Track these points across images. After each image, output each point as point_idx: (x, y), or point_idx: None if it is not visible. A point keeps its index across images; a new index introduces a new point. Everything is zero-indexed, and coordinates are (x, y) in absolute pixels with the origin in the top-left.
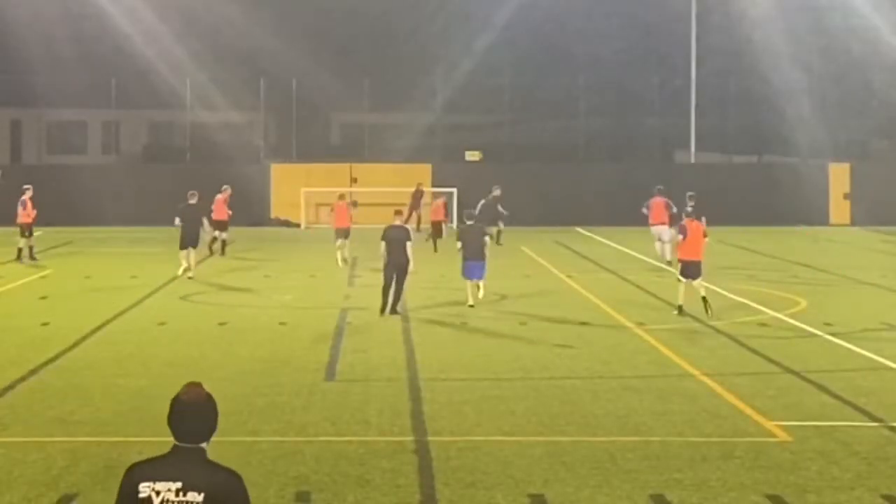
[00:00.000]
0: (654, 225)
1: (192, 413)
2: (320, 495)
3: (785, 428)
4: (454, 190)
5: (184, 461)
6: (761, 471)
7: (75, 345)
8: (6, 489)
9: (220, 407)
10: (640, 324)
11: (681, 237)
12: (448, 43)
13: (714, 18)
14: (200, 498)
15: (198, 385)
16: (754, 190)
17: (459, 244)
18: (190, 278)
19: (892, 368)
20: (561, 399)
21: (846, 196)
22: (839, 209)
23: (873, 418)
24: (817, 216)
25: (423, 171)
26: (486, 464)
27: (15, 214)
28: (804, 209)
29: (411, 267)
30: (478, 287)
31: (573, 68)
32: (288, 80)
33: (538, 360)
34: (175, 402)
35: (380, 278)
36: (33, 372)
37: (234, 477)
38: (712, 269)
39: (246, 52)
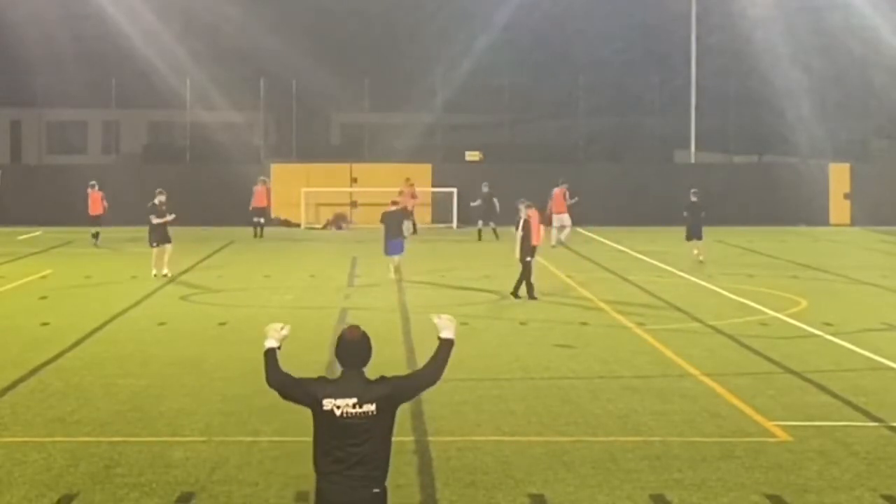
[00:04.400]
0: (556, 214)
1: (355, 347)
2: None
3: (785, 428)
4: (454, 190)
5: (353, 382)
6: (761, 471)
7: (75, 345)
8: (6, 489)
9: (221, 407)
10: (640, 324)
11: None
12: (448, 43)
13: (714, 18)
14: (373, 407)
15: (356, 326)
16: (754, 190)
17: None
18: (164, 275)
19: (892, 368)
20: (561, 399)
21: (846, 196)
22: (839, 209)
23: (873, 418)
24: (817, 216)
25: (424, 171)
26: (486, 464)
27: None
28: (804, 209)
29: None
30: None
31: (573, 68)
32: (288, 80)
33: (538, 360)
34: (341, 339)
35: (379, 279)
36: (33, 372)
37: (389, 386)
38: (713, 269)
39: (246, 52)
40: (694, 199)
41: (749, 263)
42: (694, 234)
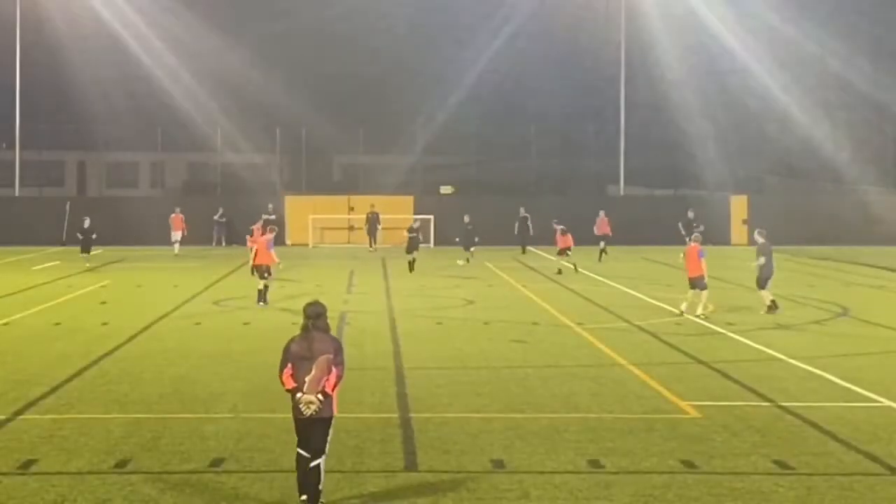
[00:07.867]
0: (600, 235)
1: (314, 308)
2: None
3: (696, 406)
4: (431, 217)
5: (315, 333)
6: (677, 441)
7: (129, 340)
8: (75, 456)
9: (244, 388)
10: (580, 323)
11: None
12: (427, 99)
13: (639, 80)
14: (332, 351)
15: (317, 300)
16: (671, 217)
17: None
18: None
19: (780, 359)
20: (517, 384)
21: (744, 221)
22: (739, 232)
23: (766, 399)
24: (721, 238)
25: (406, 202)
26: (458, 435)
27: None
28: (711, 232)
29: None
30: None
31: (527, 120)
32: (298, 128)
33: (498, 352)
34: (306, 306)
35: (371, 288)
36: (95, 362)
37: (338, 341)
38: (639, 280)
39: (265, 107)
40: (467, 220)
41: (667, 276)
42: (466, 247)
